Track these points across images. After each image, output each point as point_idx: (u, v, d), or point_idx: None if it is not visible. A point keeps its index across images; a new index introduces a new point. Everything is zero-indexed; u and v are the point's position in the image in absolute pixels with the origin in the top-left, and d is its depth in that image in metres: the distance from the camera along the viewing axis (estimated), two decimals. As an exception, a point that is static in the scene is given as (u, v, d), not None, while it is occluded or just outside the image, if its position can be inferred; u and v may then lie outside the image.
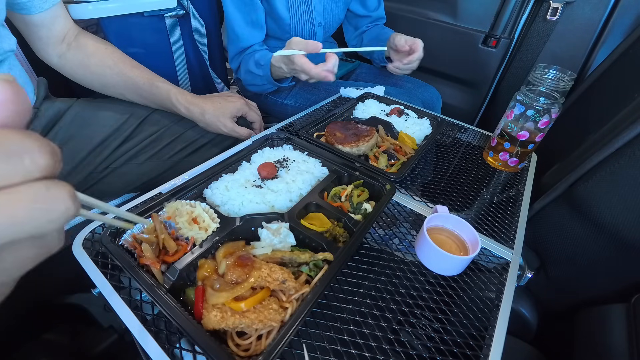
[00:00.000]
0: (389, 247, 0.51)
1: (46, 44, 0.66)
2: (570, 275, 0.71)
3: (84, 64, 0.68)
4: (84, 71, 0.69)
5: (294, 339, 0.36)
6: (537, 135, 0.65)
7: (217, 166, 0.55)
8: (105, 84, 0.71)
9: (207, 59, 1.05)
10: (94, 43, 0.70)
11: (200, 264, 0.39)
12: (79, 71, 0.69)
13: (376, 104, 0.86)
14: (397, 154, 0.67)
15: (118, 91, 0.72)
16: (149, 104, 0.75)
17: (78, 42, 0.69)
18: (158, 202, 0.46)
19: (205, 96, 0.75)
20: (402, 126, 0.76)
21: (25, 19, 0.61)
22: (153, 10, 0.88)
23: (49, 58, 0.68)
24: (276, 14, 0.93)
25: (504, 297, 0.44)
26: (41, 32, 0.64)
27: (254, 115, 0.80)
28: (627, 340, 0.52)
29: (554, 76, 0.63)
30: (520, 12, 1.13)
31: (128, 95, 0.73)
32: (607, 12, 0.99)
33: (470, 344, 0.39)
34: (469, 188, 0.65)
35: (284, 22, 0.95)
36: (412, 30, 1.33)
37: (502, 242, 0.54)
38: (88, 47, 0.69)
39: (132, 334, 0.36)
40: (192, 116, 0.73)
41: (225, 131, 0.75)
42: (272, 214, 0.47)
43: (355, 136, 0.66)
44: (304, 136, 0.68)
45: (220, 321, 0.33)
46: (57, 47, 0.67)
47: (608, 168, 0.60)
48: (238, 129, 0.76)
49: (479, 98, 1.31)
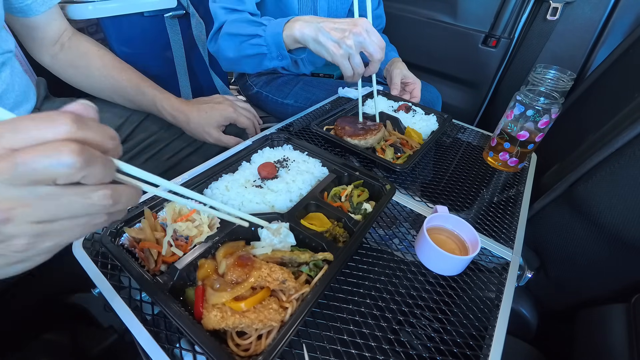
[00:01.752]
0: (389, 247, 0.51)
1: (40, 45, 0.66)
2: (570, 275, 0.71)
3: (74, 64, 0.68)
4: (74, 72, 0.68)
5: (294, 339, 0.36)
6: (537, 135, 0.65)
7: (217, 166, 0.55)
8: (93, 85, 0.69)
9: (207, 59, 1.05)
10: (87, 44, 0.69)
11: (200, 264, 0.39)
12: (69, 71, 0.68)
13: (385, 100, 0.87)
14: (403, 147, 0.68)
15: (106, 94, 0.70)
16: (137, 109, 0.73)
17: (71, 43, 0.68)
18: (158, 202, 0.46)
19: (192, 102, 0.72)
20: (409, 122, 0.78)
21: (21, 20, 0.61)
22: (153, 10, 0.88)
23: (41, 58, 0.67)
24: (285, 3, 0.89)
25: (504, 297, 0.44)
26: (35, 34, 0.64)
27: (245, 122, 0.75)
28: (627, 340, 0.52)
29: (553, 76, 0.63)
30: (520, 12, 1.13)
31: (116, 99, 0.71)
32: (607, 12, 0.99)
33: (470, 344, 0.39)
34: (468, 188, 0.66)
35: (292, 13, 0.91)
36: (412, 30, 1.33)
37: (502, 242, 0.54)
38: (80, 49, 0.68)
39: (132, 334, 0.36)
40: (177, 123, 0.70)
41: (211, 141, 0.72)
42: (272, 214, 0.47)
43: (363, 130, 0.67)
44: (315, 129, 0.69)
45: (220, 321, 0.33)
46: (50, 48, 0.66)
47: (608, 168, 0.60)
48: (225, 139, 0.72)
49: (479, 98, 1.31)
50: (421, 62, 1.35)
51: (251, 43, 0.71)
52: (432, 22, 1.28)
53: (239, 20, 0.73)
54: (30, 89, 0.65)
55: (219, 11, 0.76)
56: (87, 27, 0.85)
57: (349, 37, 0.59)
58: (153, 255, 0.40)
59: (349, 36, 0.59)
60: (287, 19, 0.67)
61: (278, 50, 0.69)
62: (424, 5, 1.30)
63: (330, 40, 0.61)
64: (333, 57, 0.62)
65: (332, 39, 0.61)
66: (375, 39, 0.60)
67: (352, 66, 0.62)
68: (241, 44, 0.72)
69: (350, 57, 0.61)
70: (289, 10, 0.91)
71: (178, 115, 0.69)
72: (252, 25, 0.70)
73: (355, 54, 0.61)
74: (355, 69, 0.63)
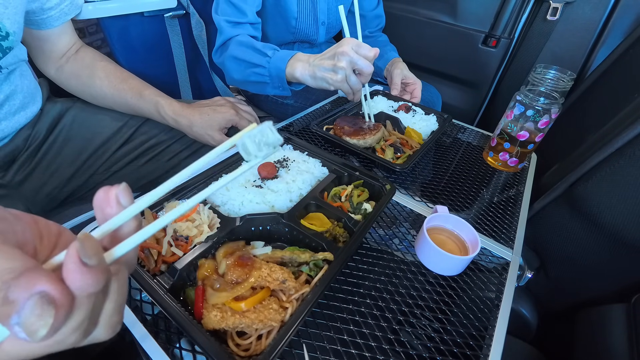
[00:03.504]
0: (389, 247, 0.51)
1: (47, 57, 0.66)
2: (570, 275, 0.71)
3: (76, 74, 0.68)
4: (76, 82, 0.69)
5: (294, 339, 0.36)
6: (537, 136, 0.65)
7: (217, 166, 0.55)
8: (94, 95, 0.70)
9: (207, 59, 1.05)
10: (91, 56, 0.70)
11: (200, 264, 0.39)
12: (72, 81, 0.69)
13: (385, 100, 0.87)
14: (403, 147, 0.68)
15: (107, 103, 0.70)
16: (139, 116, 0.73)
17: (77, 55, 0.69)
18: (158, 201, 0.46)
19: (194, 105, 0.72)
20: (409, 122, 0.78)
21: (33, 32, 0.62)
22: (153, 10, 0.88)
23: (46, 70, 0.68)
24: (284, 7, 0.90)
25: (504, 297, 0.44)
26: (45, 46, 0.64)
27: (246, 125, 0.73)
28: (627, 340, 0.52)
29: (553, 76, 0.63)
30: (520, 12, 1.13)
31: (117, 107, 0.71)
32: (607, 12, 0.99)
33: (470, 344, 0.39)
34: (468, 188, 0.66)
35: (291, 16, 0.92)
36: (412, 30, 1.33)
37: (502, 242, 0.54)
38: (85, 60, 0.69)
39: (132, 333, 0.36)
40: (180, 127, 0.71)
41: (214, 144, 0.72)
42: (272, 214, 0.47)
43: (362, 129, 0.67)
44: (314, 128, 0.68)
45: (220, 321, 0.33)
46: (57, 61, 0.67)
47: (608, 168, 0.60)
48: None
49: (479, 98, 1.31)
50: (421, 62, 1.35)
51: (255, 71, 0.75)
52: (432, 22, 1.28)
53: (244, 44, 0.77)
54: (37, 91, 0.66)
55: (223, 24, 0.80)
56: (87, 27, 0.85)
57: (340, 60, 0.62)
58: (153, 255, 0.40)
59: (340, 59, 0.62)
60: (289, 55, 0.70)
61: (280, 82, 0.73)
62: (424, 5, 1.30)
63: (326, 72, 0.65)
64: (334, 84, 0.65)
65: (327, 69, 0.64)
66: (364, 52, 0.61)
67: (350, 86, 0.65)
68: (246, 70, 0.76)
69: (347, 79, 0.64)
70: (288, 13, 0.92)
71: (180, 120, 0.69)
72: (257, 54, 0.74)
73: (350, 74, 0.63)
74: (353, 88, 0.66)
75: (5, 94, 0.57)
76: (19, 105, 0.60)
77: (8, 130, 0.60)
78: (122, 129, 0.72)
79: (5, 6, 0.51)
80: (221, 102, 0.74)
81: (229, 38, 0.80)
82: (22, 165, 0.64)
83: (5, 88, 0.57)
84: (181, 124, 0.69)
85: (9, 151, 0.61)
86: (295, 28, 0.95)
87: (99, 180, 0.71)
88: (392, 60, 1.02)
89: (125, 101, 0.69)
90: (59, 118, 0.68)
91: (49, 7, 0.60)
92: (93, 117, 0.70)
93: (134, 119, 0.73)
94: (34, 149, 0.64)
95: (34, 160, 0.65)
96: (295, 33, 0.97)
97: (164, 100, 0.69)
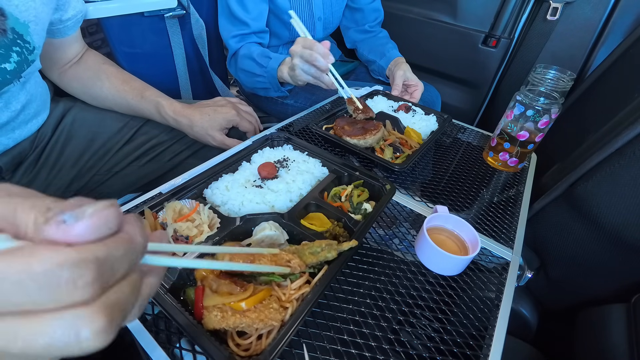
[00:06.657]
0: (389, 247, 0.51)
1: (54, 63, 0.66)
2: (570, 275, 0.71)
3: (78, 77, 0.68)
4: (78, 84, 0.69)
5: (294, 338, 0.36)
6: (537, 136, 0.65)
7: (217, 166, 0.55)
8: (95, 97, 0.70)
9: (207, 59, 1.05)
10: (94, 59, 0.70)
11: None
12: (73, 84, 0.69)
13: (385, 100, 0.87)
14: (402, 147, 0.68)
15: (108, 105, 0.71)
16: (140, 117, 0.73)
17: (80, 59, 0.69)
18: (158, 202, 0.46)
19: (194, 105, 0.72)
20: (409, 122, 0.78)
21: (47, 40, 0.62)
22: (153, 10, 0.88)
23: (50, 74, 0.68)
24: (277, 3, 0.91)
25: (504, 297, 0.44)
26: (55, 54, 0.65)
27: (247, 125, 0.75)
28: (627, 340, 0.52)
29: (553, 76, 0.63)
30: (520, 12, 1.13)
31: (119, 108, 0.71)
32: (607, 12, 0.99)
33: (470, 344, 0.39)
34: (468, 188, 0.66)
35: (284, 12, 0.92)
36: (412, 30, 1.33)
37: (502, 242, 0.54)
38: (87, 63, 0.69)
39: (132, 333, 0.36)
40: (180, 127, 0.70)
41: (215, 144, 0.72)
42: (272, 214, 0.47)
43: (362, 129, 0.67)
44: (314, 128, 0.69)
45: (220, 321, 0.33)
46: (62, 66, 0.67)
47: (608, 168, 0.60)
48: (228, 142, 0.72)
49: (479, 98, 1.31)
50: (421, 62, 1.35)
51: (258, 80, 0.88)
52: (432, 22, 1.28)
53: (246, 56, 0.88)
54: (47, 97, 0.66)
55: (230, 41, 0.91)
56: (87, 27, 0.85)
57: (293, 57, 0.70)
58: (153, 255, 0.40)
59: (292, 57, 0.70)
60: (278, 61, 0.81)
61: (278, 87, 0.87)
62: (424, 5, 1.30)
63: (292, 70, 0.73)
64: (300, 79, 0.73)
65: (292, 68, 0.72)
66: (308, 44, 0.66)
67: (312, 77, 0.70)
68: (251, 79, 0.90)
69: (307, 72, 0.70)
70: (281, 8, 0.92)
71: (181, 120, 0.69)
72: (256, 65, 0.86)
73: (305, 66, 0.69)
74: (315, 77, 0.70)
75: (22, 103, 0.57)
76: (34, 113, 0.61)
77: (20, 138, 0.61)
78: (123, 129, 0.72)
79: (36, 23, 0.52)
80: (222, 103, 0.74)
81: (234, 52, 0.92)
82: (28, 167, 0.64)
83: (22, 97, 0.57)
84: (182, 124, 0.69)
85: (16, 154, 0.61)
86: (290, 24, 0.95)
87: (101, 181, 0.71)
88: (395, 60, 1.01)
89: (127, 102, 0.69)
90: (61, 118, 0.68)
91: (67, 18, 0.61)
92: (94, 117, 0.70)
93: (135, 120, 0.73)
94: (39, 150, 0.65)
95: (39, 161, 0.65)
96: (292, 30, 0.97)
97: (165, 101, 0.69)
